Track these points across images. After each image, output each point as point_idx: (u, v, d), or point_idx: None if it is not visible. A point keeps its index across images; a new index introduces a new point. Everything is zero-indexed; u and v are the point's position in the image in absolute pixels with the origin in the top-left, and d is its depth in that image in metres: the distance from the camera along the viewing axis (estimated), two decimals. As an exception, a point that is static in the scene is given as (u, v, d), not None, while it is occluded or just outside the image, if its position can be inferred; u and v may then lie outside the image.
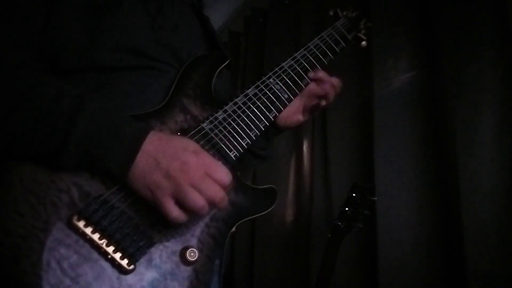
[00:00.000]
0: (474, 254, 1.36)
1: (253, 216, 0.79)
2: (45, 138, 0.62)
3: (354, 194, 1.38)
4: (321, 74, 0.96)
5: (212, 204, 0.65)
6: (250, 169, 1.13)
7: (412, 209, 1.60)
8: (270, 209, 0.81)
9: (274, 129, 1.03)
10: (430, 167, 1.60)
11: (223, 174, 0.66)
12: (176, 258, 0.67)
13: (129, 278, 0.62)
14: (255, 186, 0.81)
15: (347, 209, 1.37)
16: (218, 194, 0.65)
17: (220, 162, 0.70)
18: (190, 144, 0.68)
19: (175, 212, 0.63)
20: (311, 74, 0.94)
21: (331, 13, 1.11)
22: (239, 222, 0.77)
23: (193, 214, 0.65)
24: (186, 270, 0.67)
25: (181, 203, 0.63)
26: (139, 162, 0.63)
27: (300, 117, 1.02)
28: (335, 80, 0.98)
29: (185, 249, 0.68)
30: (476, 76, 1.47)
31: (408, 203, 1.61)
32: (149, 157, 0.63)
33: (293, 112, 1.00)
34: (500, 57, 1.44)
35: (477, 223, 1.38)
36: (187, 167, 0.63)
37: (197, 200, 0.63)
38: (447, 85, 1.54)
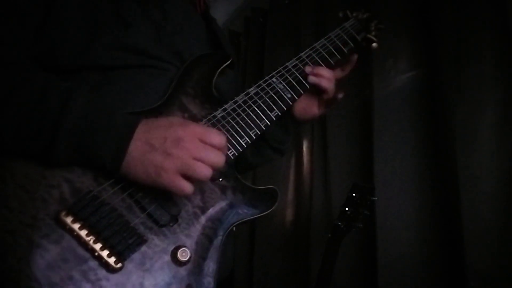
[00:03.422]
0: (474, 254, 1.35)
1: (253, 217, 0.78)
2: (34, 134, 0.61)
3: (354, 194, 1.38)
4: (318, 70, 0.94)
5: (215, 169, 0.66)
6: (263, 164, 1.15)
7: (412, 209, 1.60)
8: (270, 210, 0.79)
9: (293, 122, 1.03)
10: (430, 167, 1.59)
11: (216, 137, 0.67)
12: (167, 258, 0.65)
13: (117, 277, 0.61)
14: (255, 187, 0.80)
15: (347, 209, 1.37)
16: (219, 158, 0.66)
17: (208, 127, 0.72)
18: (174, 119, 0.69)
19: (188, 187, 0.64)
20: (308, 69, 0.92)
21: (340, 14, 1.10)
22: (238, 223, 0.76)
23: (199, 183, 0.67)
24: (177, 271, 0.65)
25: (188, 177, 0.64)
26: (132, 150, 0.63)
27: (315, 111, 1.02)
28: (327, 73, 0.95)
29: (177, 248, 0.66)
30: (476, 76, 1.47)
31: (408, 203, 1.61)
32: (141, 143, 0.63)
33: (308, 106, 1.01)
34: (500, 57, 1.43)
35: (477, 223, 1.38)
36: (182, 141, 0.64)
37: (205, 171, 0.64)
38: (447, 85, 1.54)
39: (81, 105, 0.63)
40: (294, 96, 0.88)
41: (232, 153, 0.77)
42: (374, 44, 1.08)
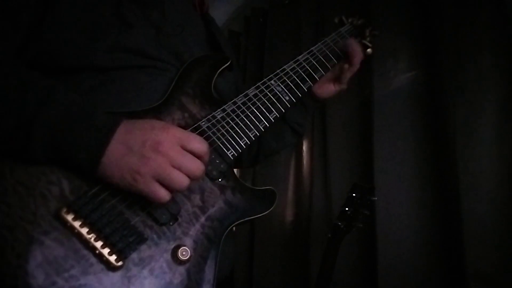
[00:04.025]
0: (474, 254, 1.35)
1: (251, 218, 0.78)
2: (10, 132, 0.60)
3: (354, 194, 1.37)
4: (355, 45, 0.99)
5: (194, 179, 0.64)
6: (274, 154, 1.19)
7: (412, 209, 1.60)
8: (268, 211, 0.79)
9: (312, 100, 1.06)
10: (430, 167, 1.59)
11: (198, 142, 0.65)
12: (167, 256, 0.65)
13: (117, 275, 0.61)
14: (254, 187, 0.80)
15: (347, 209, 1.37)
16: (198, 168, 0.64)
17: (192, 132, 0.70)
18: (156, 122, 0.66)
19: (164, 194, 0.62)
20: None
21: (336, 20, 1.11)
22: (237, 223, 0.76)
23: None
24: (177, 269, 0.65)
25: (164, 184, 0.62)
26: (110, 152, 0.61)
27: (331, 87, 1.05)
28: (359, 51, 1.01)
29: (177, 247, 0.66)
30: (476, 76, 1.47)
31: (408, 203, 1.61)
32: (119, 144, 0.61)
33: (324, 83, 1.03)
34: (500, 57, 1.44)
35: (477, 223, 1.38)
36: (161, 146, 0.61)
37: (182, 180, 0.62)
38: (447, 85, 1.54)
39: (61, 103, 0.61)
40: (292, 98, 0.89)
41: (232, 153, 0.77)
42: (369, 50, 1.09)
